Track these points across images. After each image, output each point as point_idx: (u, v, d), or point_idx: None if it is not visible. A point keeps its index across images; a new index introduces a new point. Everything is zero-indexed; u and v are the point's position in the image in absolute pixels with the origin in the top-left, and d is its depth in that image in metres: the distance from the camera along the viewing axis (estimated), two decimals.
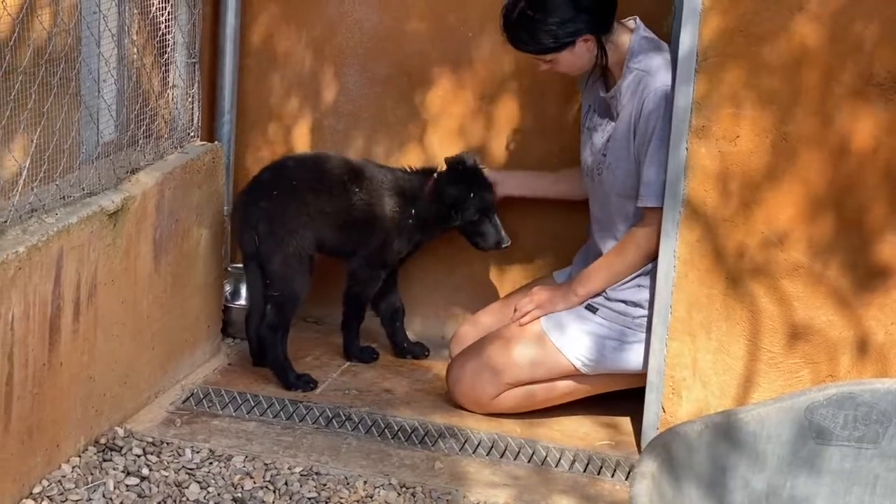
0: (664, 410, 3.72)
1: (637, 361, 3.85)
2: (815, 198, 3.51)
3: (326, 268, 4.27)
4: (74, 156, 3.62)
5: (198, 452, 3.67)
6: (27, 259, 3.24)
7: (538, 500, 3.56)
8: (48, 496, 3.39)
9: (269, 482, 3.55)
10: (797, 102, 3.48)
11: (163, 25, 3.96)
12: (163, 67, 4.01)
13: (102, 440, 3.66)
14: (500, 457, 3.78)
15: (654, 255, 3.73)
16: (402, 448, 3.79)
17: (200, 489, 3.49)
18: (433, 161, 4.36)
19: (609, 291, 3.88)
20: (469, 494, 3.56)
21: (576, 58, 3.81)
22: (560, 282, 4.08)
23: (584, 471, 3.73)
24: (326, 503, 3.48)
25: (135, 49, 3.86)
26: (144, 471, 3.55)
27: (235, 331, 4.40)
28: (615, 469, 3.75)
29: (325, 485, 3.55)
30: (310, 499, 3.49)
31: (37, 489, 3.40)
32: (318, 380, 4.14)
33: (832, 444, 2.99)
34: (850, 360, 3.56)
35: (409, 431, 3.88)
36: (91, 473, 3.51)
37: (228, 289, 4.45)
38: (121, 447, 3.65)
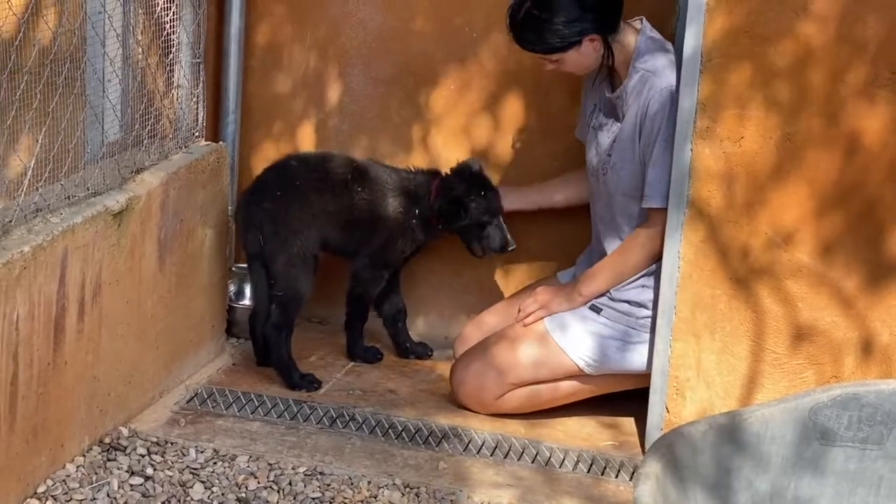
0: (668, 411, 3.72)
1: (641, 362, 3.85)
2: (820, 199, 3.50)
3: (330, 267, 4.27)
4: (79, 156, 3.62)
5: (202, 452, 3.67)
6: (32, 259, 3.24)
7: (542, 501, 3.56)
8: (52, 496, 3.39)
9: (273, 482, 3.55)
10: (802, 103, 3.47)
11: (168, 26, 3.96)
12: (167, 67, 4.01)
13: (107, 440, 3.66)
14: (504, 457, 3.77)
15: (659, 256, 3.73)
16: (406, 448, 3.79)
17: (205, 489, 3.50)
18: (438, 161, 4.36)
19: (613, 292, 3.88)
20: (473, 495, 3.56)
21: (582, 57, 3.81)
22: (564, 282, 4.08)
23: (588, 471, 3.73)
24: (330, 503, 3.48)
25: (140, 49, 3.86)
26: (149, 470, 3.55)
27: (240, 331, 4.40)
28: (619, 470, 3.74)
29: (329, 485, 3.55)
30: (314, 499, 3.49)
31: (41, 488, 3.41)
32: (323, 380, 4.14)
33: (836, 446, 2.99)
34: (855, 361, 3.56)
35: (413, 432, 3.88)
36: (95, 473, 3.52)
37: (233, 289, 4.46)
38: (125, 447, 3.65)
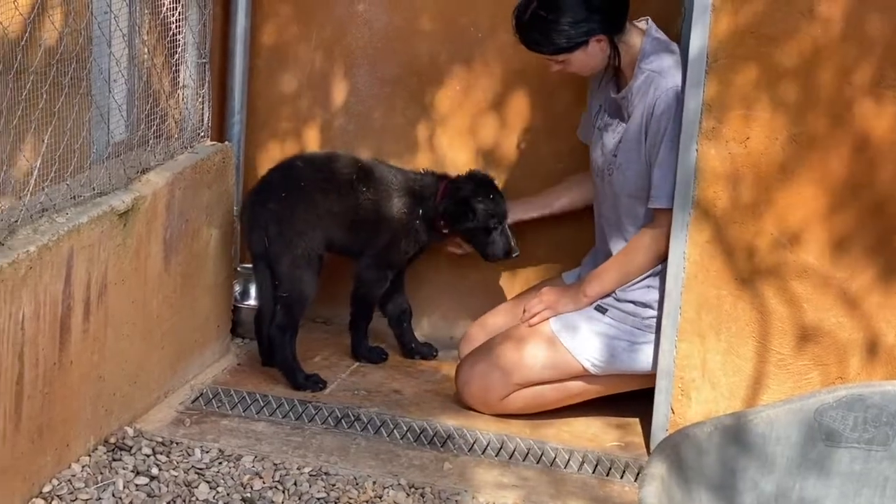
0: (673, 412, 3.72)
1: (646, 362, 3.85)
2: (826, 200, 3.50)
3: (335, 268, 4.27)
4: (85, 156, 3.62)
5: (207, 452, 3.68)
6: (38, 258, 3.25)
7: (547, 502, 3.56)
8: (58, 495, 3.39)
9: (279, 482, 3.55)
10: (808, 104, 3.47)
11: (173, 26, 3.97)
12: (173, 68, 4.01)
13: (112, 440, 3.66)
14: (509, 458, 3.77)
15: (664, 257, 3.73)
16: (411, 449, 3.79)
17: (210, 489, 3.50)
18: (444, 160, 4.37)
19: (619, 292, 3.88)
20: (478, 495, 3.56)
21: (589, 58, 3.81)
22: (569, 283, 4.08)
23: (593, 472, 3.72)
24: (335, 503, 3.48)
25: (145, 49, 3.86)
26: (154, 470, 3.55)
27: (245, 331, 4.40)
28: (624, 471, 3.74)
29: (335, 485, 3.56)
30: (319, 499, 3.49)
31: (47, 488, 3.41)
32: (327, 380, 4.15)
33: (842, 447, 2.99)
34: (860, 362, 3.56)
35: (419, 432, 3.88)
36: (101, 473, 3.52)
37: (238, 289, 4.46)
38: (130, 447, 3.65)
